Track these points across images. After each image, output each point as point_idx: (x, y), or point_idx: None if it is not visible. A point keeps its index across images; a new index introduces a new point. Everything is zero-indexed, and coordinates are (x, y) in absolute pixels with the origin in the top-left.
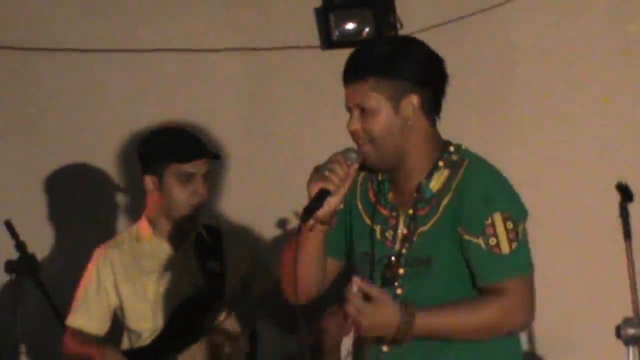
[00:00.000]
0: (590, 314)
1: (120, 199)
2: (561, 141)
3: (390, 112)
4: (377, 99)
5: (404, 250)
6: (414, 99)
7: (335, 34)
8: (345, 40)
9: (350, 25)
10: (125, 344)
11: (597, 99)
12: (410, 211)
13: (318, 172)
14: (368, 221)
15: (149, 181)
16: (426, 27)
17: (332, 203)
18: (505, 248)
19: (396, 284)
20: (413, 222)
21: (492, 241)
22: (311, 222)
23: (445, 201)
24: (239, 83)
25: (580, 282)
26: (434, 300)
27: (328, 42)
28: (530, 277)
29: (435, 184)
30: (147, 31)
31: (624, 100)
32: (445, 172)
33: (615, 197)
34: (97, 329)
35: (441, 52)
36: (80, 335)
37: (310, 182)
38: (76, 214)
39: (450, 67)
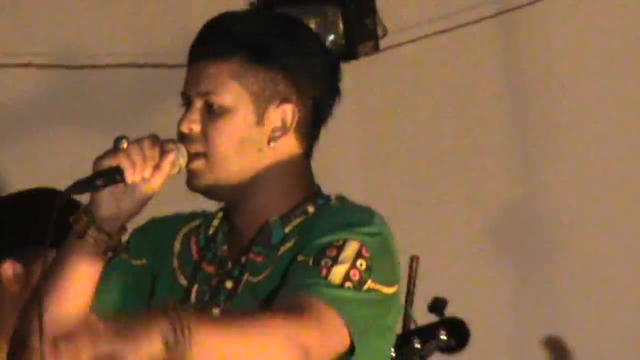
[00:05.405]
0: None
1: None
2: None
3: (249, 118)
4: (236, 93)
5: (215, 310)
6: (289, 109)
7: None
8: None
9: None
10: None
11: None
12: (243, 258)
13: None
14: (184, 282)
15: (8, 269)
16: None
17: (127, 200)
18: (336, 277)
19: None
20: (242, 270)
21: (326, 262)
22: (85, 220)
23: (288, 244)
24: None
25: None
26: None
27: None
28: (344, 336)
29: (291, 228)
30: None
31: None
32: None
33: None
34: None
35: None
36: None
37: (103, 158)
38: None
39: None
